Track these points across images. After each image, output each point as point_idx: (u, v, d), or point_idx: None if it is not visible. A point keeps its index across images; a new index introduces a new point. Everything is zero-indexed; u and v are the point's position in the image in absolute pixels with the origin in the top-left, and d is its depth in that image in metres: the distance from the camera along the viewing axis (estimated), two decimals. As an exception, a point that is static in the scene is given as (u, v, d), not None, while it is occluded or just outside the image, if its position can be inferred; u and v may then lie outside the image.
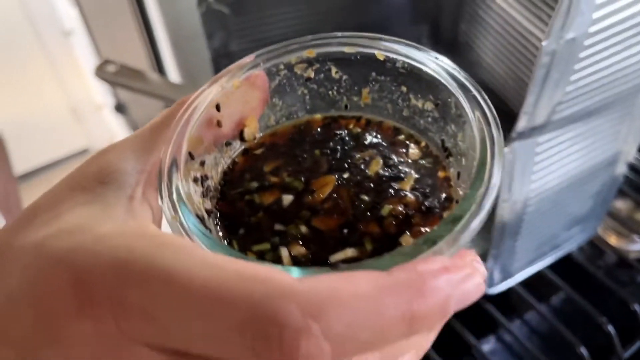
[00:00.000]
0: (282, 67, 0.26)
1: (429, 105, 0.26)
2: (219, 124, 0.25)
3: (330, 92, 0.28)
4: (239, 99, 0.25)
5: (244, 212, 0.24)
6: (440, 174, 0.25)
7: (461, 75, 0.24)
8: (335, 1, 0.87)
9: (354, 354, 0.17)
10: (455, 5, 0.90)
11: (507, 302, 0.69)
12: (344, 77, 0.27)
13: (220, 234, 0.23)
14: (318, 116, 0.28)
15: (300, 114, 0.28)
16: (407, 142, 0.26)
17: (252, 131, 0.27)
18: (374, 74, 0.27)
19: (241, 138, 0.27)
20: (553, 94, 0.46)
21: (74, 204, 0.20)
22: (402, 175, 0.24)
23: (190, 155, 0.23)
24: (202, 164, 0.24)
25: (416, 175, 0.24)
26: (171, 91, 0.77)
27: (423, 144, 0.26)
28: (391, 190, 0.24)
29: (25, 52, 1.85)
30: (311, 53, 0.26)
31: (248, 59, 0.25)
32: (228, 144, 0.26)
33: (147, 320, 0.17)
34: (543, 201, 0.58)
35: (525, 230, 0.59)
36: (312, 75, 0.27)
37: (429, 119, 0.26)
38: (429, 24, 0.94)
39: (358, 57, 0.26)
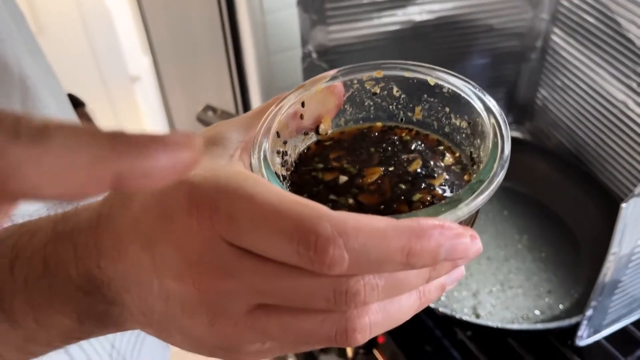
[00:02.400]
0: (355, 81, 0.34)
1: (464, 124, 0.33)
2: (301, 117, 0.33)
3: (390, 106, 0.35)
4: (320, 101, 0.33)
5: (309, 184, 0.31)
6: (466, 177, 0.32)
7: (489, 102, 0.31)
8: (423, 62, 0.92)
9: (364, 268, 0.24)
10: (534, 72, 0.94)
11: (590, 354, 0.70)
12: (403, 95, 0.35)
13: None
14: (379, 124, 0.35)
15: (365, 121, 0.35)
16: (445, 152, 0.33)
17: (326, 127, 0.34)
18: (425, 95, 0.34)
19: (316, 131, 0.34)
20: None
21: None
22: (435, 175, 0.31)
23: (277, 134, 0.32)
24: (285, 143, 0.32)
25: (446, 176, 0.31)
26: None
27: (457, 154, 0.33)
28: (423, 184, 0.30)
29: (91, 93, 1.93)
30: (379, 74, 0.34)
31: (331, 72, 0.34)
32: (306, 133, 0.34)
33: (231, 222, 0.24)
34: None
35: (622, 288, 0.62)
36: (377, 91, 0.35)
37: (463, 135, 0.33)
38: (506, 88, 0.98)
39: (415, 81, 0.34)
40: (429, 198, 0.29)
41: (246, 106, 1.08)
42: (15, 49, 0.49)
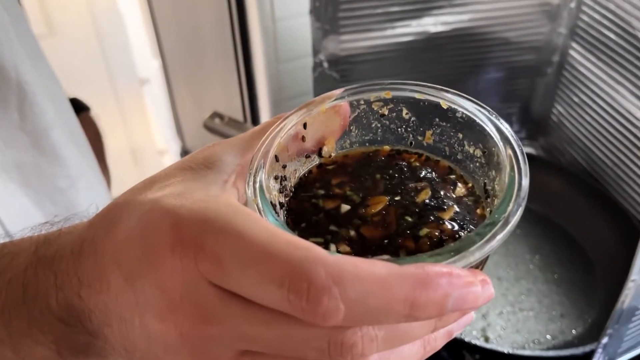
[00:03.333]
0: (362, 102, 0.32)
1: (478, 152, 0.31)
2: (303, 139, 0.31)
3: (399, 129, 0.33)
4: (324, 122, 0.31)
5: (309, 211, 0.29)
6: (478, 211, 0.29)
7: (507, 131, 0.29)
8: (435, 78, 0.90)
9: (362, 320, 0.22)
10: (550, 87, 0.92)
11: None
12: (412, 118, 0.32)
13: (286, 223, 0.29)
14: (386, 147, 0.33)
15: (371, 144, 0.33)
16: (457, 181, 0.31)
17: (329, 150, 0.32)
18: (437, 119, 0.32)
19: (319, 154, 0.32)
20: None
21: (184, 179, 0.27)
22: (445, 207, 0.29)
23: (276, 158, 0.29)
24: (284, 167, 0.30)
25: (457, 209, 0.29)
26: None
27: (469, 184, 0.31)
28: (432, 217, 0.28)
29: (99, 93, 1.92)
30: (388, 94, 0.32)
31: (337, 91, 0.31)
32: (308, 156, 0.32)
33: (217, 263, 0.22)
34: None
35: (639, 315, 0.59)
36: (386, 112, 0.32)
37: (477, 164, 0.31)
38: (520, 103, 0.96)
39: (426, 103, 0.31)
40: (437, 233, 0.27)
41: (254, 114, 1.06)
42: (14, 54, 0.48)
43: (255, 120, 1.07)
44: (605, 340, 0.63)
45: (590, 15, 0.84)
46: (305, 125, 0.31)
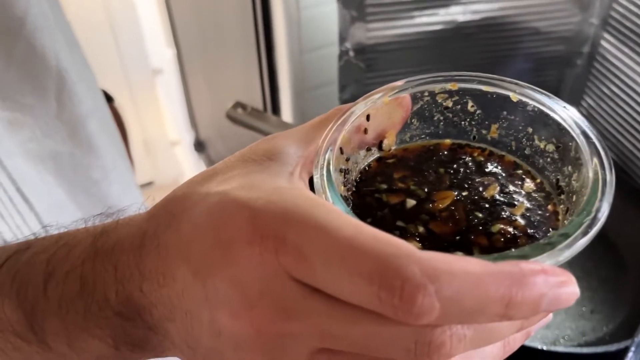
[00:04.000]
0: (426, 94, 0.31)
1: (550, 147, 0.30)
2: (365, 131, 0.30)
3: (462, 122, 0.32)
4: (385, 114, 0.31)
5: (372, 207, 0.29)
6: (550, 207, 0.29)
7: (584, 124, 0.28)
8: (462, 67, 0.89)
9: (455, 319, 0.21)
10: (580, 79, 0.91)
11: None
12: (478, 111, 0.32)
13: None
14: (447, 141, 0.32)
15: (432, 137, 0.33)
16: (524, 176, 0.30)
17: (390, 143, 0.32)
18: (505, 112, 0.31)
19: (379, 147, 0.32)
20: None
21: (248, 171, 0.26)
22: (515, 202, 0.28)
23: (341, 150, 0.29)
24: (347, 160, 0.30)
25: (528, 205, 0.28)
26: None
27: (538, 180, 0.30)
28: (503, 213, 0.27)
29: (112, 83, 1.91)
30: (454, 86, 0.31)
31: (400, 82, 0.31)
32: (368, 149, 0.31)
33: (299, 257, 0.22)
34: None
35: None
36: (450, 105, 0.32)
37: (548, 159, 0.30)
38: (548, 95, 0.94)
39: (494, 96, 0.31)
40: (510, 230, 0.26)
41: (275, 105, 1.05)
42: (54, 41, 0.48)
43: (275, 110, 1.07)
44: (639, 338, 0.63)
45: (623, 5, 0.83)
46: (368, 117, 0.30)
